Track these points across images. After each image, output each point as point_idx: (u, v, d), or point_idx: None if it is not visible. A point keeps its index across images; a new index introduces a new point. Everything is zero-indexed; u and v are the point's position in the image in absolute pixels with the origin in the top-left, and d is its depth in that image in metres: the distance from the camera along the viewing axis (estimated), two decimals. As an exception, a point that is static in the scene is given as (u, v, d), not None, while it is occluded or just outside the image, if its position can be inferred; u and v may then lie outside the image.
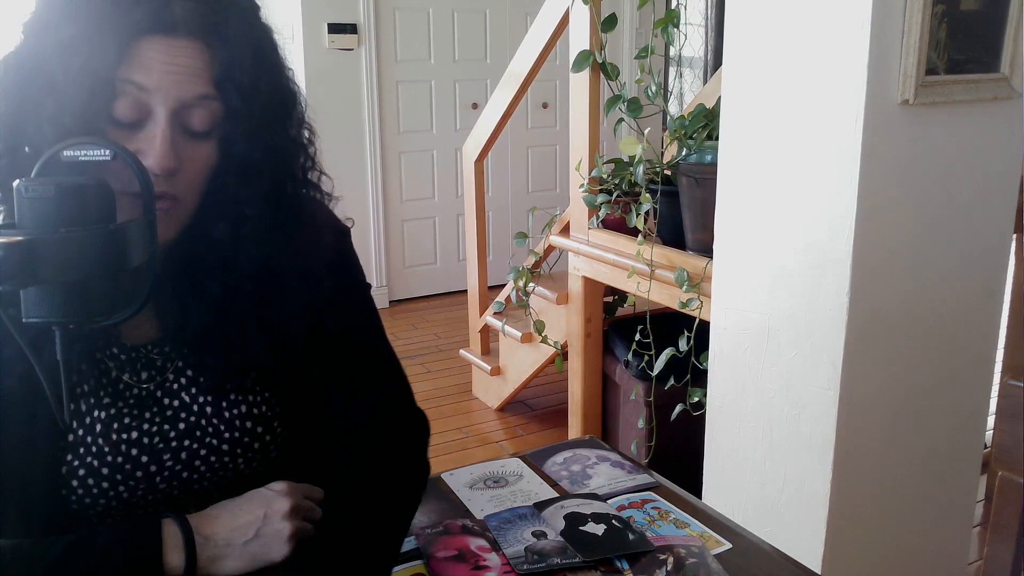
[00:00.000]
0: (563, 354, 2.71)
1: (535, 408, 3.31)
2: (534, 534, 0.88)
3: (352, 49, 4.23)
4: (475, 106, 4.59)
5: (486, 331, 3.35)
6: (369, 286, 1.05)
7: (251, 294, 0.89)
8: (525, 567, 0.82)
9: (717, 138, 1.63)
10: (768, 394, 1.55)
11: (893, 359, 1.47)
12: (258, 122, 0.82)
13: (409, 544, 0.87)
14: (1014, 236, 1.76)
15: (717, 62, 4.43)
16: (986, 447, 1.93)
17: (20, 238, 0.61)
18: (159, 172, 0.76)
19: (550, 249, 2.74)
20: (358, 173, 4.36)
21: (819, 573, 0.89)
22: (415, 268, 4.70)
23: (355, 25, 4.20)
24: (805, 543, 1.52)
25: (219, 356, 0.90)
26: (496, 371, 3.23)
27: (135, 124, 0.77)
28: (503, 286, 3.09)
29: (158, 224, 0.77)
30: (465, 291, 3.49)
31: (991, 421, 1.22)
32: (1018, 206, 1.59)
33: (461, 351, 3.48)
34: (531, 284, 2.80)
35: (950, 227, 1.48)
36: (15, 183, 0.64)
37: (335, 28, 4.15)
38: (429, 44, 4.49)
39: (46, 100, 0.74)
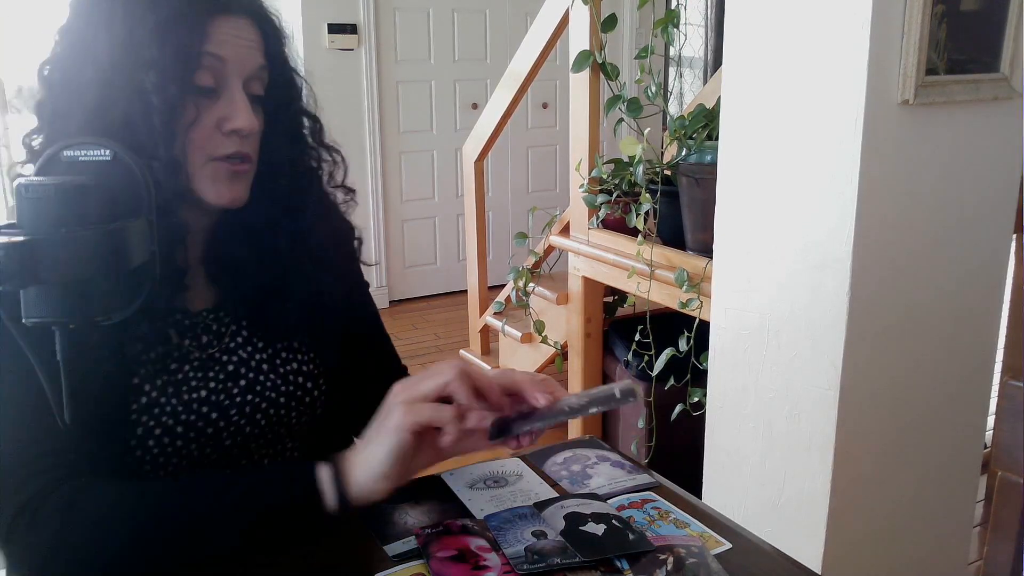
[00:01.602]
0: (563, 354, 2.71)
1: (535, 408, 3.31)
2: (534, 534, 0.88)
3: (352, 49, 4.23)
4: (475, 106, 4.59)
5: (486, 331, 3.35)
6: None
7: (305, 254, 0.99)
8: (525, 567, 0.82)
9: (717, 138, 1.63)
10: (768, 394, 1.55)
11: (893, 359, 1.47)
12: (291, 87, 0.95)
13: (409, 544, 0.87)
14: (1014, 236, 1.76)
15: (717, 62, 4.43)
16: (986, 447, 1.93)
17: (20, 238, 0.61)
18: (248, 132, 0.87)
19: (550, 249, 2.74)
20: (358, 173, 4.36)
21: (819, 573, 0.89)
22: (415, 268, 4.70)
23: (355, 25, 4.20)
24: (805, 543, 1.52)
25: (273, 315, 0.99)
26: (496, 371, 3.23)
27: (213, 93, 0.86)
28: (503, 286, 3.09)
29: (243, 184, 0.90)
30: (465, 291, 3.49)
31: (991, 421, 1.22)
32: (1018, 206, 1.59)
33: (461, 351, 3.48)
34: (531, 284, 2.80)
35: (950, 227, 1.48)
36: (15, 183, 0.64)
37: (335, 28, 4.15)
38: (429, 44, 4.49)
39: (145, 75, 0.82)
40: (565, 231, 2.57)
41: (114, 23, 0.83)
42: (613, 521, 0.91)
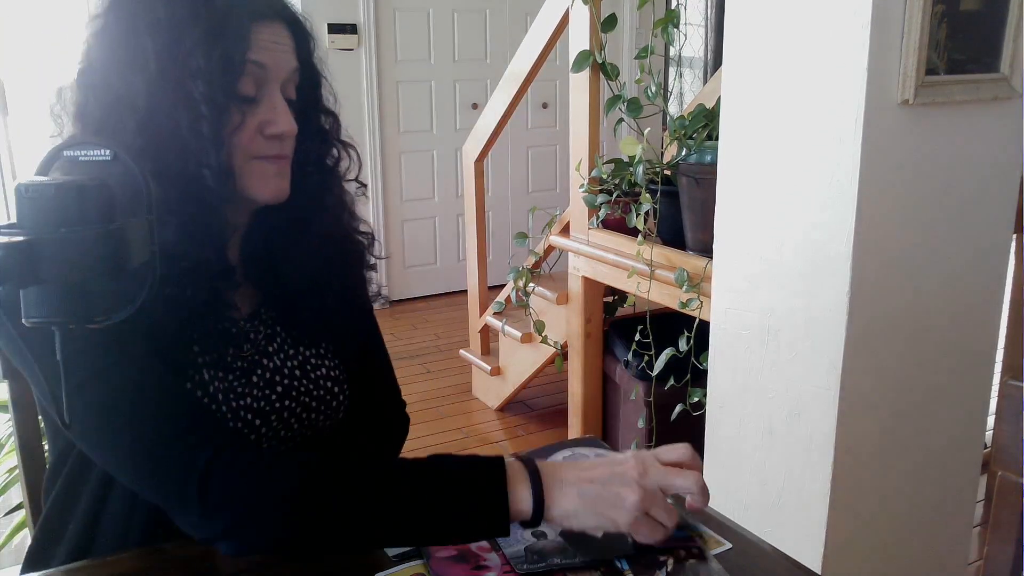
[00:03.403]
0: (563, 354, 2.71)
1: (535, 408, 3.31)
2: (534, 534, 0.88)
3: (352, 49, 4.23)
4: (475, 106, 4.59)
5: (486, 331, 3.35)
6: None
7: (334, 252, 1.02)
8: (525, 567, 0.82)
9: (717, 138, 1.63)
10: (768, 394, 1.55)
11: (893, 359, 1.47)
12: (320, 89, 0.98)
13: (409, 544, 0.87)
14: (1014, 236, 1.76)
15: (717, 62, 4.43)
16: (986, 447, 1.93)
17: (20, 238, 0.61)
18: (290, 135, 0.90)
19: (550, 249, 2.74)
20: (358, 173, 4.35)
21: (819, 573, 0.89)
22: (415, 268, 4.70)
23: (355, 25, 4.20)
24: (805, 543, 1.52)
25: (305, 320, 1.01)
26: (496, 371, 3.23)
27: (254, 99, 0.88)
28: (503, 286, 3.09)
29: (286, 180, 0.92)
30: (465, 291, 3.49)
31: (991, 421, 1.22)
32: (1018, 206, 1.59)
33: (461, 351, 3.48)
34: (531, 284, 2.80)
35: (950, 227, 1.47)
36: (15, 183, 0.64)
37: (335, 28, 4.14)
38: (429, 44, 4.49)
39: (194, 84, 0.84)
40: (565, 231, 2.57)
41: (159, 31, 0.84)
42: (613, 521, 0.90)
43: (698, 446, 1.73)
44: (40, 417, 1.10)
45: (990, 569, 1.02)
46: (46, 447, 1.07)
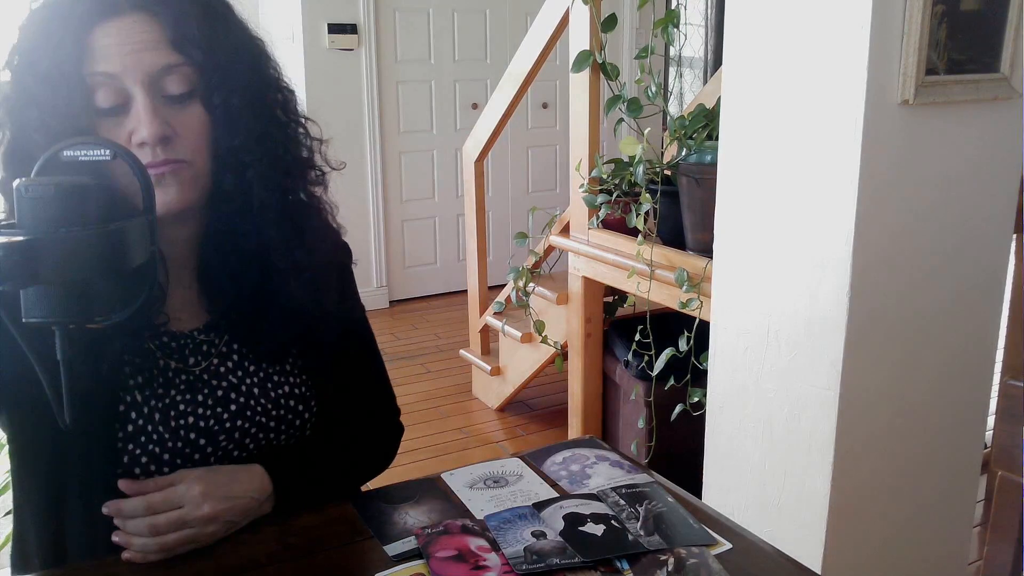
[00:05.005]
0: (563, 354, 2.71)
1: (535, 408, 3.31)
2: (534, 534, 0.88)
3: (352, 49, 4.23)
4: (475, 106, 4.58)
5: (486, 331, 3.35)
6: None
7: (285, 272, 0.93)
8: (524, 567, 0.82)
9: (717, 138, 1.63)
10: (768, 394, 1.55)
11: (893, 359, 1.47)
12: (226, 71, 0.86)
13: (409, 544, 0.87)
14: (1014, 236, 1.76)
15: (717, 62, 4.43)
16: (986, 447, 1.93)
17: (20, 238, 0.61)
18: (152, 141, 0.81)
19: (550, 249, 2.74)
20: (358, 173, 4.35)
21: (819, 573, 0.89)
22: (415, 268, 4.69)
23: (355, 25, 4.20)
24: (805, 543, 1.52)
25: (264, 335, 0.95)
26: (496, 371, 3.23)
27: (120, 109, 0.82)
28: (503, 286, 3.09)
29: (174, 187, 0.84)
30: (465, 291, 3.49)
31: (991, 421, 1.22)
32: (1018, 206, 1.59)
33: (461, 351, 3.48)
34: (531, 284, 2.80)
35: (950, 227, 1.47)
36: (15, 183, 0.64)
37: (335, 28, 4.14)
38: (429, 44, 4.49)
39: (29, 111, 0.80)
40: (565, 231, 2.57)
41: (12, 59, 0.82)
42: (612, 521, 0.91)
43: (698, 446, 1.75)
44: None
45: (990, 569, 1.02)
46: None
